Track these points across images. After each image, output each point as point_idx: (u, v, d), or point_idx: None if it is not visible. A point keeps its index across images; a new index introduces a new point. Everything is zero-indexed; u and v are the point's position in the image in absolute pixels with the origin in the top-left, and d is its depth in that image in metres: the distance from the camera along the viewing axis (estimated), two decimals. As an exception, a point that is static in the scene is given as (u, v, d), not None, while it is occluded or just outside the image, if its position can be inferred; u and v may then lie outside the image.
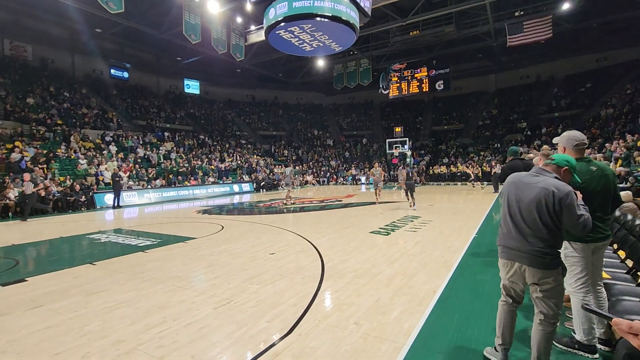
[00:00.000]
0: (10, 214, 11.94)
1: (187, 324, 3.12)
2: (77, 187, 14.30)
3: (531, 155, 6.40)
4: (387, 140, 27.95)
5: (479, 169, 23.55)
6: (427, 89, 26.10)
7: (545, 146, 6.48)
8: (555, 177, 2.17)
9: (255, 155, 28.61)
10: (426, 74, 25.80)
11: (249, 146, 30.79)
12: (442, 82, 25.33)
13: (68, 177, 14.98)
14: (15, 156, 14.13)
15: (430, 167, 26.96)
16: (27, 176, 11.85)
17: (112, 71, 26.75)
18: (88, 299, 3.82)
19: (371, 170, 14.19)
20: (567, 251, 2.60)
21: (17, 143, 15.15)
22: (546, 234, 2.11)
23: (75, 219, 11.39)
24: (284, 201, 14.31)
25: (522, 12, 20.34)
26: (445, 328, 3.00)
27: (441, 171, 25.56)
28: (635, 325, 0.83)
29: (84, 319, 3.28)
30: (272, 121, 35.91)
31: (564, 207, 2.05)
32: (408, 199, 11.27)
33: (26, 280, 4.59)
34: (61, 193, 13.63)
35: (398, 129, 28.89)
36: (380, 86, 27.58)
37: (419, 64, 26.24)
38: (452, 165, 25.76)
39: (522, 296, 2.41)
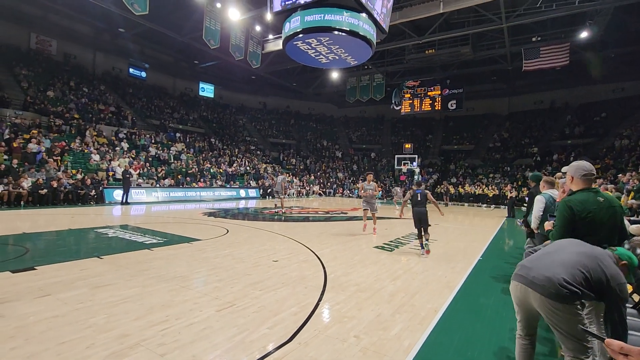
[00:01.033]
0: (22, 202, 12.18)
1: (189, 324, 3.17)
2: (88, 181, 14.56)
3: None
4: (396, 155, 27.98)
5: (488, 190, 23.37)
6: (439, 108, 26.23)
7: (558, 174, 6.30)
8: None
9: (263, 163, 28.83)
10: (439, 92, 25.96)
11: (258, 152, 31.07)
12: (454, 101, 25.45)
13: (80, 170, 15.28)
14: (32, 147, 14.48)
15: (438, 186, 26.82)
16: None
17: (131, 70, 27.44)
18: (94, 292, 3.89)
19: (361, 184, 9.44)
20: None
21: (33, 132, 15.54)
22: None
23: (84, 212, 11.58)
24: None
25: (539, 38, 20.45)
26: (445, 348, 2.99)
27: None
28: (625, 347, 0.87)
29: (89, 311, 3.35)
30: (283, 129, 36.26)
31: (612, 291, 1.93)
32: (420, 237, 6.76)
33: (35, 269, 4.69)
34: (72, 186, 13.88)
35: (408, 145, 28.96)
36: (393, 102, 27.79)
37: (432, 83, 26.43)
38: (460, 186, 25.60)
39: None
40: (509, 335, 3.29)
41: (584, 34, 18.71)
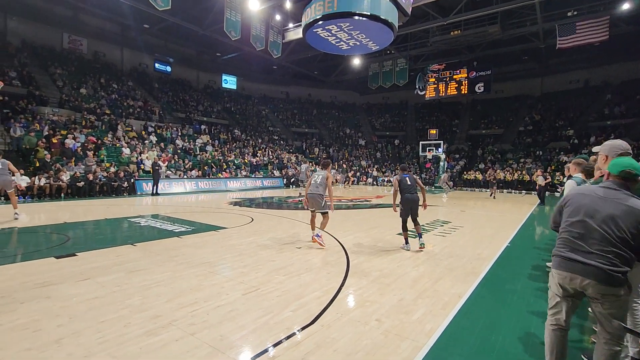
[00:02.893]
0: (62, 194, 12.99)
1: (216, 306, 3.31)
2: (121, 174, 15.27)
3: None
4: (421, 142, 27.32)
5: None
6: (465, 91, 25.29)
7: (593, 156, 5.92)
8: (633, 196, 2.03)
9: (286, 152, 29.06)
10: (466, 75, 24.99)
11: (281, 142, 31.32)
12: (482, 84, 24.43)
13: (113, 163, 16.04)
14: (69, 142, 15.33)
15: (465, 172, 26.09)
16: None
17: (157, 65, 28.27)
18: (129, 276, 4.14)
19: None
20: None
21: (72, 127, 16.44)
22: (619, 250, 1.96)
23: (118, 203, 12.20)
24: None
25: (575, 12, 19.09)
26: (468, 333, 2.97)
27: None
28: None
29: (125, 294, 3.57)
30: (305, 118, 36.28)
31: None
32: (405, 230, 6.01)
33: (76, 255, 5.03)
34: (106, 178, 14.62)
35: (433, 131, 28.19)
36: (417, 87, 27.04)
37: (458, 65, 25.46)
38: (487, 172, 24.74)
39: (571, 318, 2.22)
40: (536, 321, 3.22)
41: (625, 6, 17.33)
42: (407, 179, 5.99)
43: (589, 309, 2.11)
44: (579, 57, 25.56)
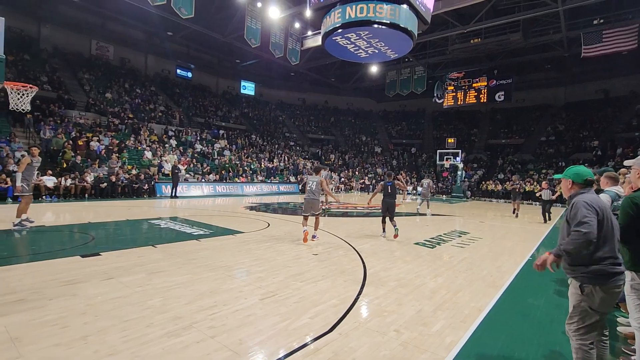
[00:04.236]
0: (86, 195, 13.44)
1: (235, 310, 3.35)
2: (142, 176, 15.69)
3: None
4: (438, 150, 26.96)
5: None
6: (485, 100, 24.91)
7: (623, 169, 5.72)
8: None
9: (302, 158, 29.23)
10: (485, 84, 24.63)
11: (297, 148, 31.52)
12: (502, 93, 24.01)
13: (134, 166, 16.51)
14: (94, 144, 15.89)
15: (483, 182, 25.56)
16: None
17: (178, 71, 29.10)
18: (150, 277, 4.23)
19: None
20: (634, 282, 2.40)
21: (98, 130, 17.04)
22: None
23: (138, 204, 12.52)
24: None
25: (601, 20, 18.59)
26: (490, 348, 2.90)
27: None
28: None
29: (147, 294, 3.66)
30: (321, 125, 36.44)
31: None
32: (384, 222, 7.90)
33: (100, 255, 5.19)
34: (128, 180, 15.04)
35: (451, 140, 27.78)
36: (435, 95, 26.80)
37: (478, 73, 25.13)
38: (507, 182, 24.17)
39: None
40: (562, 338, 3.10)
41: (655, 13, 16.79)
42: (389, 186, 7.73)
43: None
44: (605, 65, 24.80)
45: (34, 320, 2.93)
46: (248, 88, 33.97)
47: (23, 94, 8.22)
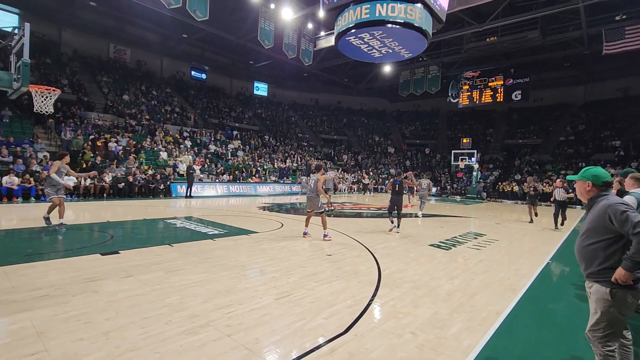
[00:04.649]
0: (105, 194, 13.79)
1: (251, 309, 3.38)
2: (158, 177, 16.00)
3: None
4: (453, 151, 26.57)
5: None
6: (501, 99, 24.42)
7: None
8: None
9: (314, 159, 29.26)
10: (502, 83, 24.15)
11: (310, 149, 31.59)
12: (519, 92, 23.50)
13: (151, 166, 16.85)
14: (112, 145, 16.29)
15: (500, 183, 25.07)
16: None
17: (193, 73, 29.57)
18: (168, 275, 4.32)
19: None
20: None
21: (115, 131, 17.46)
22: None
23: (155, 204, 12.78)
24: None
25: (624, 16, 17.99)
26: (509, 352, 2.84)
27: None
28: None
29: (165, 292, 3.73)
30: (334, 125, 36.43)
31: None
32: (390, 215, 8.67)
33: (119, 253, 5.32)
34: (145, 180, 15.37)
35: (466, 140, 27.33)
36: (450, 94, 26.44)
37: (494, 72, 24.67)
38: (524, 183, 23.64)
39: None
40: (583, 344, 3.01)
41: (682, 8, 16.14)
42: (397, 185, 8.36)
43: None
44: (627, 63, 23.97)
45: (57, 316, 3.03)
46: (261, 89, 34.27)
47: (47, 97, 8.48)
